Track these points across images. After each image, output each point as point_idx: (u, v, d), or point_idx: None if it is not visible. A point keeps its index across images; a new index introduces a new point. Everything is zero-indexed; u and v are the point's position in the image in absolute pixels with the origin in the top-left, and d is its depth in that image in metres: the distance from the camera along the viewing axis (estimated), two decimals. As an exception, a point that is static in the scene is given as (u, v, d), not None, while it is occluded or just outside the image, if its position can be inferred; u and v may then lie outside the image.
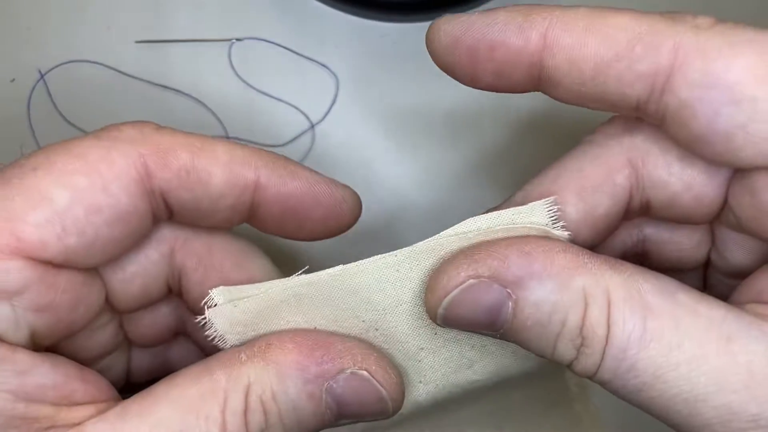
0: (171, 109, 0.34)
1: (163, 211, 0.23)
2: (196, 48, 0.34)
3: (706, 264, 0.24)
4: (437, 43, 0.21)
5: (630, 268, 0.19)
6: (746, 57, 0.18)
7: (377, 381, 0.21)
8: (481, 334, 0.21)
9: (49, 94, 0.34)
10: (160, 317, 0.26)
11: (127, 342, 0.26)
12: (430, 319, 0.21)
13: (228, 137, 0.34)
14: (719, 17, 0.32)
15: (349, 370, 0.21)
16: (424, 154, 0.34)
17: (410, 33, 0.34)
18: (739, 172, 0.21)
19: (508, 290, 0.19)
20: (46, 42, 0.34)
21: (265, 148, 0.34)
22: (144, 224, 0.23)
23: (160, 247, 0.24)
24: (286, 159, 0.24)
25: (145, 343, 0.26)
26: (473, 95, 0.34)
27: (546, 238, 0.20)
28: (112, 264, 0.23)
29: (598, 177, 0.22)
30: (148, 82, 0.34)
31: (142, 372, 0.27)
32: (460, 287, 0.20)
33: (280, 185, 0.23)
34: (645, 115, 0.20)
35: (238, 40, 0.34)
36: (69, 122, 0.34)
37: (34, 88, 0.34)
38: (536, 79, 0.21)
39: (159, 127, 0.23)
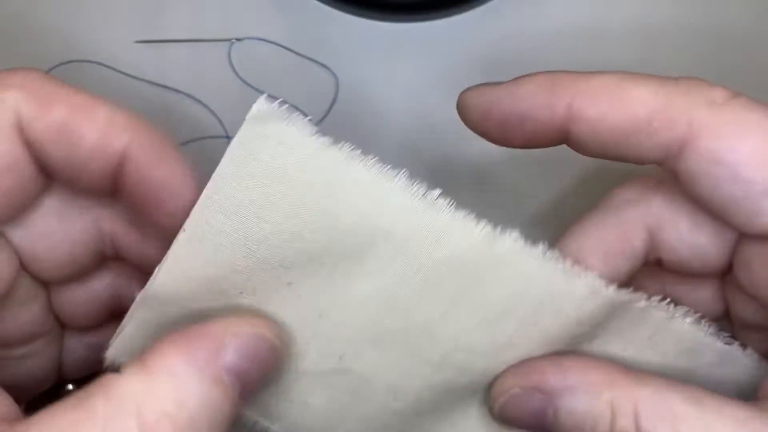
0: (171, 109, 0.34)
1: (44, 165, 0.22)
2: (196, 48, 0.34)
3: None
4: (468, 115, 0.24)
5: (657, 381, 0.22)
6: (752, 140, 0.21)
7: (260, 329, 0.22)
8: None
9: (49, 94, 0.34)
10: (94, 293, 0.25)
11: (58, 327, 0.25)
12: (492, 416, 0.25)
13: (228, 137, 0.34)
14: (720, 18, 0.33)
15: (232, 336, 0.21)
16: (424, 154, 0.34)
17: (410, 33, 0.34)
18: (741, 240, 0.23)
19: (548, 399, 0.23)
20: (46, 42, 0.34)
21: (265, 148, 0.34)
22: (32, 176, 0.22)
23: (83, 215, 0.24)
24: (166, 141, 0.23)
25: (78, 324, 0.26)
26: (473, 95, 0.34)
27: (585, 356, 0.23)
28: (25, 227, 0.23)
29: (619, 243, 0.24)
30: (148, 81, 0.34)
31: (77, 364, 0.26)
32: (509, 394, 0.23)
33: (144, 168, 0.22)
34: (662, 169, 0.23)
35: (238, 40, 0.34)
36: (69, 122, 0.34)
37: (33, 88, 0.34)
38: (563, 141, 0.23)
39: (45, 76, 0.22)
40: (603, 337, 0.24)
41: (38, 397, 0.26)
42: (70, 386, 0.27)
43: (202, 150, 0.34)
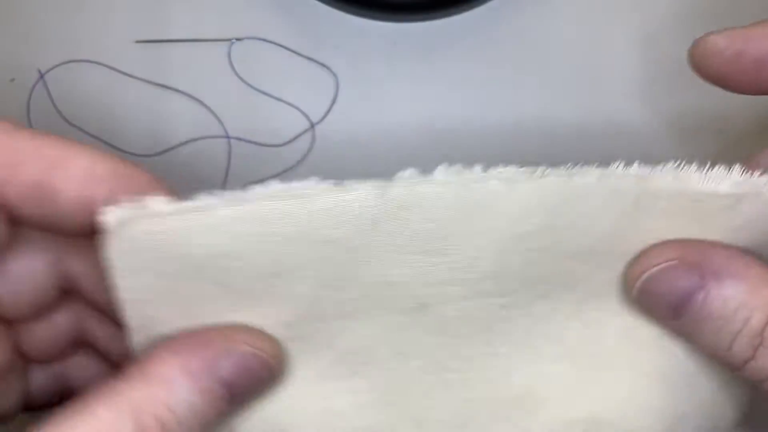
0: (171, 109, 0.34)
1: (18, 220, 0.22)
2: (195, 48, 0.34)
3: None
4: (713, 59, 0.24)
5: None
6: None
7: (257, 349, 0.22)
8: (661, 321, 0.24)
9: (49, 94, 0.34)
10: (58, 327, 0.25)
11: (22, 361, 0.25)
12: (628, 291, 0.24)
13: (228, 137, 0.34)
14: (720, 16, 0.32)
15: (228, 352, 0.22)
16: (423, 154, 0.34)
17: (410, 33, 0.34)
18: None
19: (704, 281, 0.22)
20: (46, 42, 0.34)
21: (266, 148, 0.34)
22: (3, 230, 0.22)
23: (47, 254, 0.24)
24: (155, 184, 0.22)
25: (43, 357, 0.26)
26: (474, 94, 0.34)
27: (749, 252, 0.23)
28: None
29: None
30: (148, 81, 0.34)
31: (41, 394, 0.26)
32: (664, 264, 0.23)
33: None
34: None
35: (238, 39, 0.34)
36: (69, 122, 0.34)
37: (33, 88, 0.34)
38: None
39: (15, 129, 0.22)
40: (574, 221, 0.24)
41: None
42: None
43: (201, 149, 0.34)
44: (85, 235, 0.22)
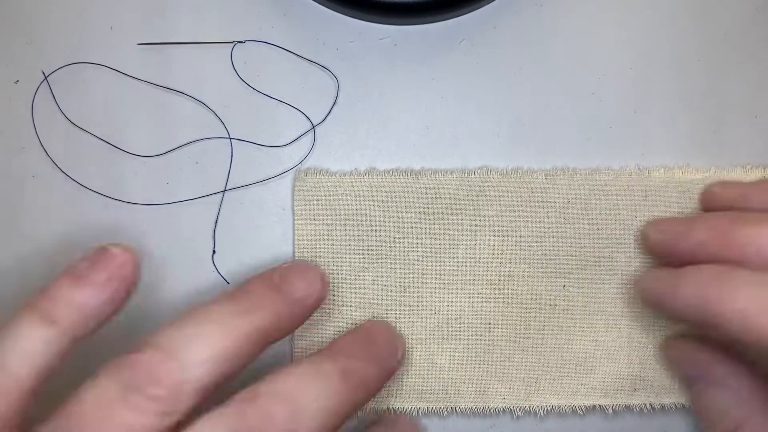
0: (173, 110, 0.34)
1: None
2: (198, 50, 0.34)
3: None
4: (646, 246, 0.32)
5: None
6: None
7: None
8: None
9: (53, 96, 0.34)
10: None
11: None
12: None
13: (230, 138, 0.34)
14: (716, 17, 0.32)
15: None
16: (424, 155, 0.34)
17: (411, 35, 0.34)
18: None
19: (705, 380, 0.30)
20: (50, 44, 0.34)
21: (267, 149, 0.34)
22: None
23: None
24: None
25: None
26: (474, 95, 0.34)
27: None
28: None
29: None
30: (151, 83, 0.34)
31: None
32: (686, 356, 0.32)
33: None
34: None
35: (240, 42, 0.34)
36: (73, 123, 0.34)
37: (37, 90, 0.34)
38: None
39: None
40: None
41: None
42: None
43: (204, 151, 0.34)
44: None
